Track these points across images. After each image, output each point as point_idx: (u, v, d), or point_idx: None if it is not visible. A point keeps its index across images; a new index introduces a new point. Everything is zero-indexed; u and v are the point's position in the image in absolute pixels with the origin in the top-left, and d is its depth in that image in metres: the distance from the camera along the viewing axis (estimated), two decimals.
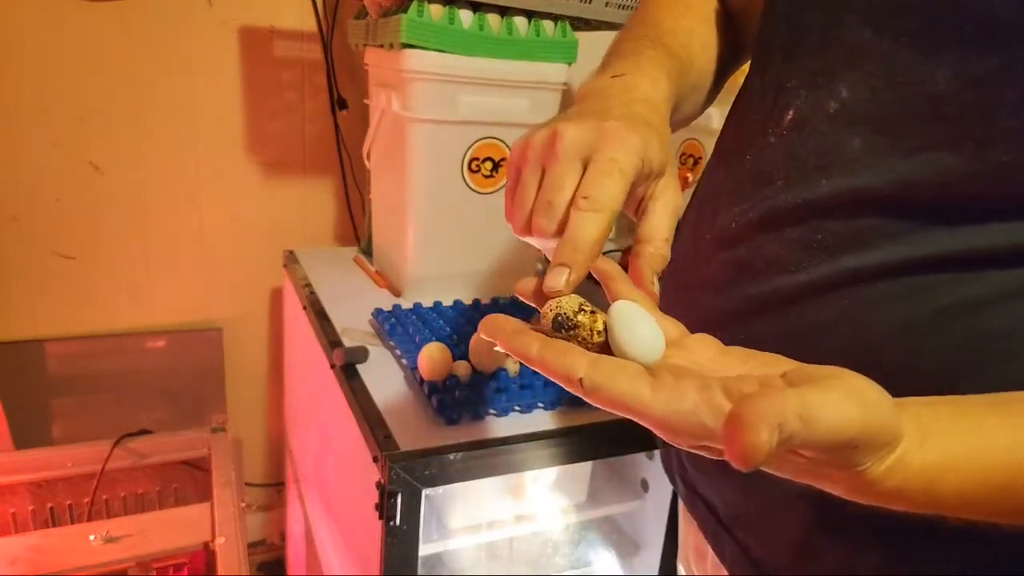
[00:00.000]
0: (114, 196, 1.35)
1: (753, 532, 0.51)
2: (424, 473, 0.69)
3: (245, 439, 1.29)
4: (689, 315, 0.43)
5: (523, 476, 0.84)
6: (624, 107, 0.43)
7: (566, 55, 1.06)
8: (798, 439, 0.25)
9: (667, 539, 0.88)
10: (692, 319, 0.40)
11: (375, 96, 1.14)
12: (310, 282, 1.15)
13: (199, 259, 1.45)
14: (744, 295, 0.46)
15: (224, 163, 1.41)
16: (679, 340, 0.36)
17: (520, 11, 1.01)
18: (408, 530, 0.70)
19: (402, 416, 0.75)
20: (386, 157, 1.14)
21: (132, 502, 1.19)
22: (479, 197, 1.07)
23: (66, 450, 1.13)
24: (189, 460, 1.20)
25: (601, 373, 0.31)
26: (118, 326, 1.41)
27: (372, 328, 0.98)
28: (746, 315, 0.46)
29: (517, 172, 0.41)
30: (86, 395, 1.40)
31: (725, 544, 0.53)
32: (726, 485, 0.53)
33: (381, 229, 1.24)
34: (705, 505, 0.56)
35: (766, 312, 0.45)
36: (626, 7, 1.04)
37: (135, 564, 0.95)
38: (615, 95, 0.44)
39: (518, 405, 0.78)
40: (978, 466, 0.30)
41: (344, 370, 0.84)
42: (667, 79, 0.48)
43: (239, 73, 1.38)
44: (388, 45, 1.00)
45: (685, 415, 0.29)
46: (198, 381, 1.48)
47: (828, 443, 0.26)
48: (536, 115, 1.07)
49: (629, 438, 0.79)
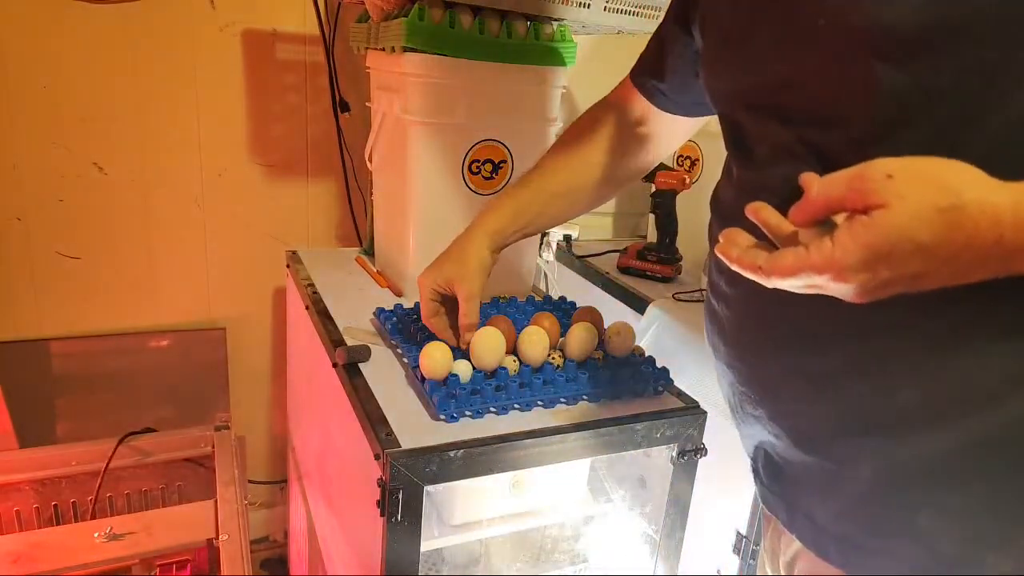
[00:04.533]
0: (118, 197, 1.36)
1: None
2: (425, 470, 0.70)
3: (248, 437, 1.30)
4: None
5: (523, 473, 0.85)
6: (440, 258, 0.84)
7: (565, 58, 1.07)
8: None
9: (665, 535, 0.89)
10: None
11: (377, 99, 1.15)
12: (313, 282, 1.16)
13: (202, 259, 1.46)
14: None
15: (227, 164, 1.43)
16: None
17: (519, 15, 1.02)
18: (409, 526, 0.71)
19: (403, 414, 0.76)
20: (388, 159, 1.15)
21: (136, 500, 1.20)
22: (479, 198, 1.08)
23: (70, 448, 1.14)
24: (193, 458, 1.21)
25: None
26: (122, 325, 1.43)
27: (374, 327, 0.99)
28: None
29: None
30: (90, 394, 1.41)
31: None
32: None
33: (383, 230, 1.25)
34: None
35: None
36: (624, 11, 1.05)
37: (139, 561, 0.96)
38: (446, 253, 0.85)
39: (518, 403, 0.79)
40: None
41: (346, 369, 0.85)
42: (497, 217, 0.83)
43: (242, 76, 1.39)
44: (389, 48, 1.01)
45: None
46: (202, 380, 1.49)
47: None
48: (536, 117, 1.08)
49: (628, 436, 0.80)
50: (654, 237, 1.38)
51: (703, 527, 1.04)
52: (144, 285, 1.43)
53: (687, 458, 0.85)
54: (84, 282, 1.38)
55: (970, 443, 0.48)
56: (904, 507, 0.52)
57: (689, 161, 1.48)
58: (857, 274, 0.39)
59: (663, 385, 0.87)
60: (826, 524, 0.57)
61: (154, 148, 1.36)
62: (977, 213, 0.37)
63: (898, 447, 0.51)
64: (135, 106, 1.33)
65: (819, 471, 0.57)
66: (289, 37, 1.40)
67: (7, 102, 1.24)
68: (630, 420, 0.80)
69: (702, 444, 0.85)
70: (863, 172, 0.39)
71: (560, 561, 0.98)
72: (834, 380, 0.53)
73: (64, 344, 1.38)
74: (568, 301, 1.04)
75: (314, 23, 1.40)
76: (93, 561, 0.93)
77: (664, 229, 1.36)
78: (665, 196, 1.33)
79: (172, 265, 1.44)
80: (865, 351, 0.51)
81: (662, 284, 1.36)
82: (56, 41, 1.25)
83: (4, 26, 1.21)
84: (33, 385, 1.37)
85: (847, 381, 0.53)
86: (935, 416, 0.49)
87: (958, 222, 0.37)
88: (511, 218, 0.83)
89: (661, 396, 0.86)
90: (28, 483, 1.12)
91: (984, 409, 0.47)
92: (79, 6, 1.24)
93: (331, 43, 1.41)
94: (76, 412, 1.40)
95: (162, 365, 1.46)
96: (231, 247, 1.47)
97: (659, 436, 0.82)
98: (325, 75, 1.44)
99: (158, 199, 1.39)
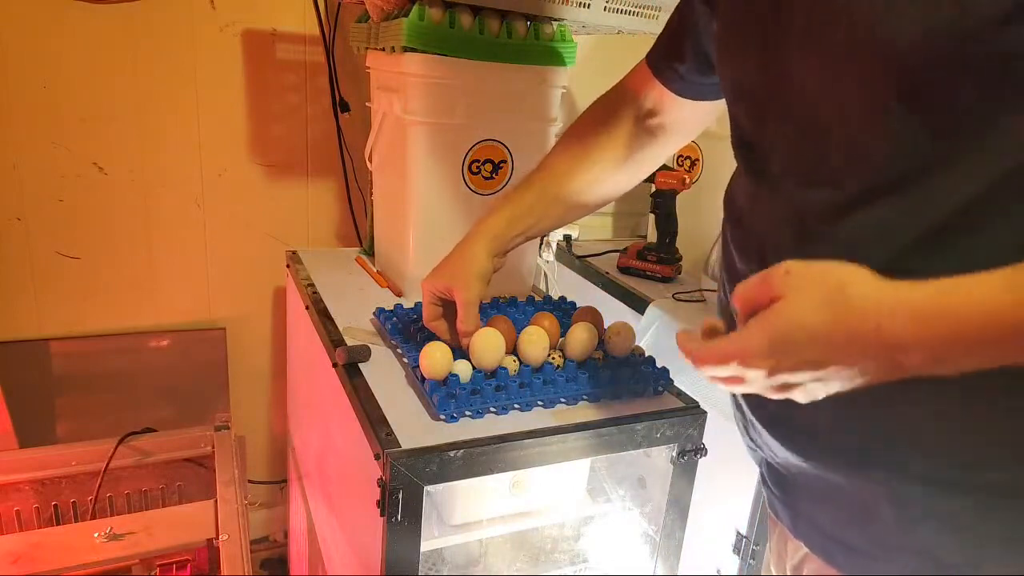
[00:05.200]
0: (118, 197, 1.36)
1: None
2: (425, 470, 0.70)
3: (248, 437, 1.30)
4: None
5: (523, 473, 0.85)
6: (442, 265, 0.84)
7: (565, 58, 1.07)
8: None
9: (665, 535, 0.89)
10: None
11: (377, 99, 1.15)
12: (313, 282, 1.16)
13: (203, 259, 1.46)
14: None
15: (227, 164, 1.43)
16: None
17: (519, 15, 1.02)
18: (409, 526, 0.71)
19: (403, 414, 0.76)
20: (388, 159, 1.15)
21: (136, 500, 1.19)
22: (479, 198, 1.08)
23: (70, 448, 1.14)
24: (193, 458, 1.21)
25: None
26: (122, 325, 1.43)
27: (374, 327, 0.99)
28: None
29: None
30: (90, 394, 1.41)
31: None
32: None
33: (383, 230, 1.25)
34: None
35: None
36: (624, 11, 1.05)
37: (139, 561, 0.96)
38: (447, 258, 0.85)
39: (517, 403, 0.79)
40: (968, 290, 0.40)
41: (346, 369, 0.86)
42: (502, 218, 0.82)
43: (242, 75, 1.39)
44: (389, 48, 1.01)
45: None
46: (202, 380, 1.49)
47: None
48: (536, 117, 1.08)
49: (628, 436, 0.80)
50: (654, 237, 1.38)
51: (703, 527, 1.04)
52: (144, 285, 1.43)
53: (687, 458, 0.85)
54: (84, 282, 1.38)
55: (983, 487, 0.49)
56: (906, 520, 0.52)
57: (689, 161, 1.48)
58: (764, 359, 0.44)
59: (663, 385, 0.87)
60: (833, 532, 0.57)
61: (154, 148, 1.36)
62: (859, 304, 0.41)
63: (909, 475, 0.51)
64: (135, 106, 1.33)
65: (823, 482, 0.57)
66: (289, 37, 1.40)
67: (7, 102, 1.24)
68: (630, 420, 0.80)
69: (702, 444, 0.85)
70: (769, 271, 0.45)
71: (560, 561, 0.98)
72: (853, 418, 0.53)
73: (64, 344, 1.38)
74: (568, 301, 1.04)
75: (314, 23, 1.40)
76: (93, 561, 0.93)
77: (664, 229, 1.36)
78: (665, 196, 1.33)
79: (172, 265, 1.44)
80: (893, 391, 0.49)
81: (662, 284, 1.36)
82: (56, 41, 1.25)
83: (4, 26, 1.21)
84: (33, 385, 1.37)
85: (869, 423, 0.52)
86: (958, 466, 0.49)
87: (843, 312, 0.42)
88: (512, 223, 0.82)
89: (661, 396, 0.86)
90: (28, 483, 1.12)
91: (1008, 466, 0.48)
92: (79, 6, 1.24)
93: (331, 43, 1.41)
94: (76, 412, 1.40)
95: (162, 365, 1.46)
96: (231, 247, 1.47)
97: (659, 436, 0.82)
98: (325, 75, 1.44)
99: (158, 199, 1.39)
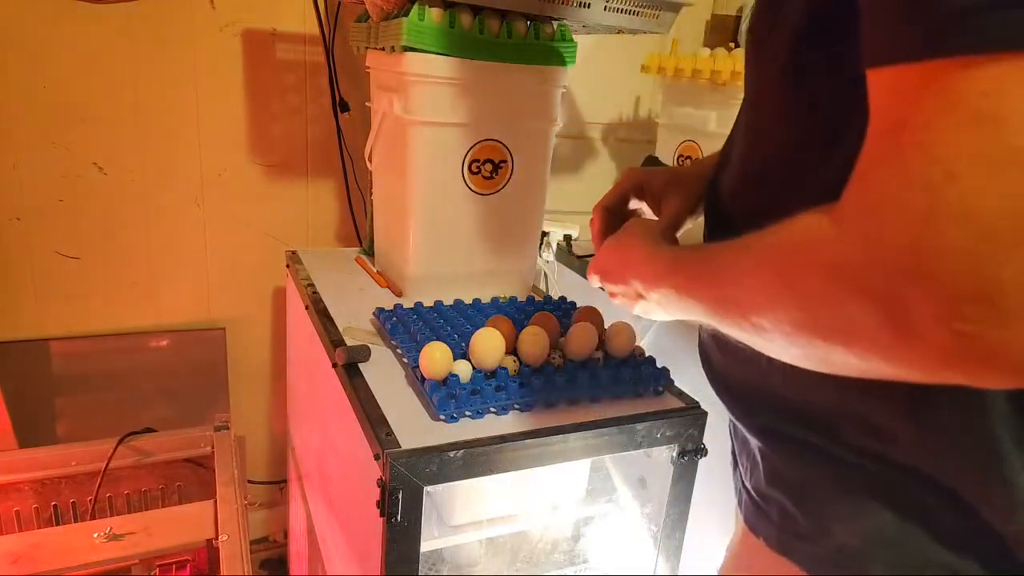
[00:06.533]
0: (118, 197, 1.36)
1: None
2: (425, 470, 0.70)
3: (248, 437, 1.30)
4: None
5: (523, 473, 0.85)
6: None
7: (565, 58, 1.07)
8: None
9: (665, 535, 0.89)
10: None
11: (376, 98, 1.15)
12: (312, 282, 1.16)
13: (202, 259, 1.46)
14: None
15: (227, 164, 1.43)
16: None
17: (519, 15, 1.02)
18: (409, 527, 0.71)
19: (403, 414, 0.76)
20: (387, 159, 1.15)
21: (135, 500, 1.19)
22: (479, 198, 1.08)
23: (70, 448, 1.14)
24: (192, 458, 1.21)
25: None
26: (122, 326, 1.43)
27: (374, 327, 0.99)
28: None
29: None
30: (90, 394, 1.41)
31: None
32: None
33: (383, 230, 1.25)
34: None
35: None
36: (624, 11, 1.05)
37: (138, 561, 0.96)
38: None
39: (517, 403, 0.79)
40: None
41: (346, 369, 0.85)
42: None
43: (242, 75, 1.39)
44: (389, 48, 1.01)
45: None
46: (201, 380, 1.49)
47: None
48: (536, 117, 1.08)
49: (628, 436, 0.80)
50: None
51: (703, 527, 1.04)
52: (144, 285, 1.43)
53: (687, 458, 0.85)
54: (84, 282, 1.38)
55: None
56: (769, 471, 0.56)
57: (689, 161, 1.48)
58: (598, 276, 0.62)
59: (663, 385, 0.87)
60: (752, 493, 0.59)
61: (154, 148, 1.36)
62: (627, 242, 0.59)
63: (842, 455, 0.49)
64: (135, 106, 1.33)
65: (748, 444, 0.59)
66: (289, 37, 1.40)
67: (7, 102, 1.24)
68: (630, 420, 0.80)
69: (702, 444, 0.85)
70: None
71: (560, 561, 0.98)
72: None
73: (64, 344, 1.38)
74: (568, 301, 1.04)
75: (314, 23, 1.40)
76: (93, 561, 0.93)
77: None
78: None
79: (172, 265, 1.44)
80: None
81: None
82: (56, 41, 1.25)
83: (4, 26, 1.21)
84: (33, 385, 1.37)
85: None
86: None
87: (620, 247, 0.60)
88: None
89: (661, 396, 0.86)
90: (28, 483, 1.12)
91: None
92: (79, 6, 1.24)
93: (331, 43, 1.41)
94: (76, 412, 1.40)
95: (162, 365, 1.46)
96: (231, 247, 1.47)
97: (659, 436, 0.82)
98: (325, 75, 1.44)
99: (158, 199, 1.39)
